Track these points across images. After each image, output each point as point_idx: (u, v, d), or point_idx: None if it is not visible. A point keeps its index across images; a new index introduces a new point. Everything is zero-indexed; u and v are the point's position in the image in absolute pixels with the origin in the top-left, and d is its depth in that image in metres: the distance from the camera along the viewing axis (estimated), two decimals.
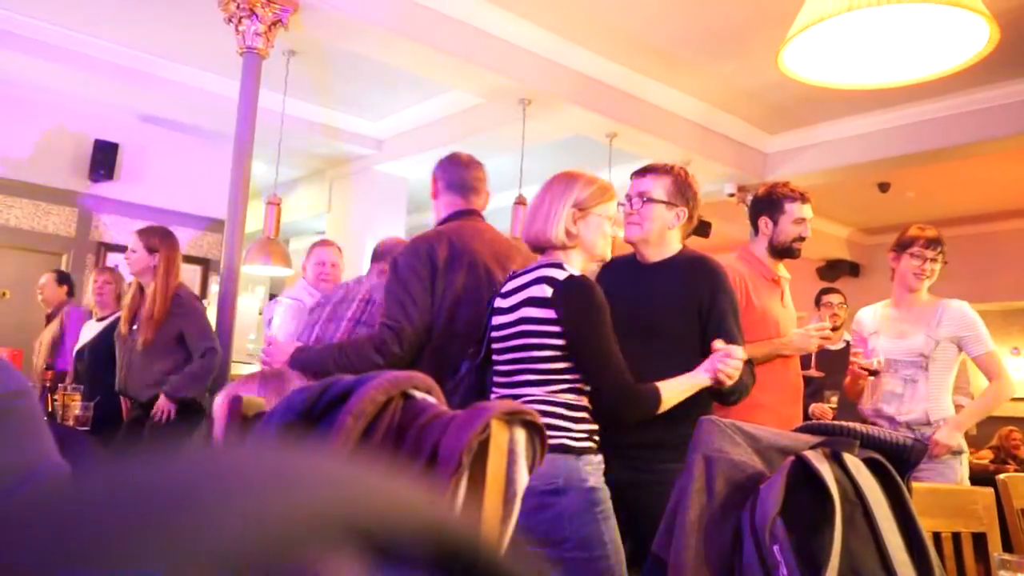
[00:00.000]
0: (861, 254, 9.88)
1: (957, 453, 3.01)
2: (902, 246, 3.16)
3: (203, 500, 0.18)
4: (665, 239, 2.30)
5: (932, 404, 3.02)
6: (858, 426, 1.45)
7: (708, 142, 6.66)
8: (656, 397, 1.89)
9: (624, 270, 2.35)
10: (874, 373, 3.00)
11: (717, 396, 2.12)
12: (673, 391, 1.93)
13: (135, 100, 6.45)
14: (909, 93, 5.42)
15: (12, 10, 5.32)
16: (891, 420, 3.06)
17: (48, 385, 3.58)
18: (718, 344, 2.00)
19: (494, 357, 2.02)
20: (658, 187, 2.29)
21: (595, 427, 1.91)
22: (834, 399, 3.41)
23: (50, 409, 3.49)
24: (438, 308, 2.40)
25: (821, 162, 6.94)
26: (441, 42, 4.99)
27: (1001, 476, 2.05)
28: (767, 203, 2.89)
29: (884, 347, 3.07)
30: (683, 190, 2.31)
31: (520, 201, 5.77)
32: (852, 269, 9.79)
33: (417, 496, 0.20)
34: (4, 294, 6.06)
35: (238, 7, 4.35)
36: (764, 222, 2.89)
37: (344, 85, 6.38)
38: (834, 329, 4.06)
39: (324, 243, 4.52)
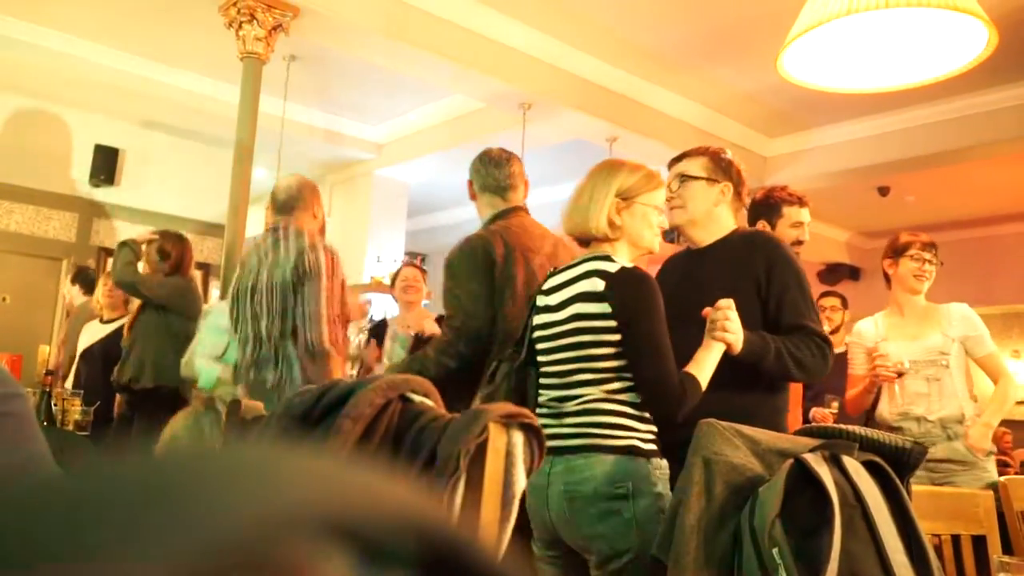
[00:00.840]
0: (861, 258, 9.88)
1: (991, 453, 3.00)
2: (898, 251, 3.16)
3: (183, 495, 0.18)
4: (713, 217, 2.18)
5: (962, 400, 2.99)
6: (858, 429, 1.45)
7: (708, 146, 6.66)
8: (695, 384, 1.78)
9: (678, 261, 2.28)
10: (900, 375, 2.99)
11: (765, 373, 1.96)
12: (701, 368, 1.80)
13: (136, 105, 6.47)
14: (908, 97, 5.43)
15: (14, 15, 5.34)
16: (921, 420, 3.01)
17: (48, 390, 3.58)
18: (707, 309, 1.88)
19: (541, 358, 1.92)
20: (694, 165, 2.18)
21: (655, 428, 1.82)
22: (835, 404, 3.39)
23: (50, 414, 3.49)
24: (498, 306, 2.40)
25: (821, 166, 6.95)
26: (441, 47, 5.00)
27: (1001, 479, 2.05)
28: (765, 207, 2.89)
29: (899, 351, 3.05)
30: (723, 166, 2.20)
31: None
32: (852, 273, 9.79)
33: (403, 494, 0.20)
34: (4, 299, 6.06)
35: (239, 12, 4.36)
36: (762, 226, 2.87)
37: (345, 90, 6.39)
38: (832, 332, 4.06)
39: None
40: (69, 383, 4.36)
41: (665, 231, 2.03)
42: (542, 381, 1.92)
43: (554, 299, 1.91)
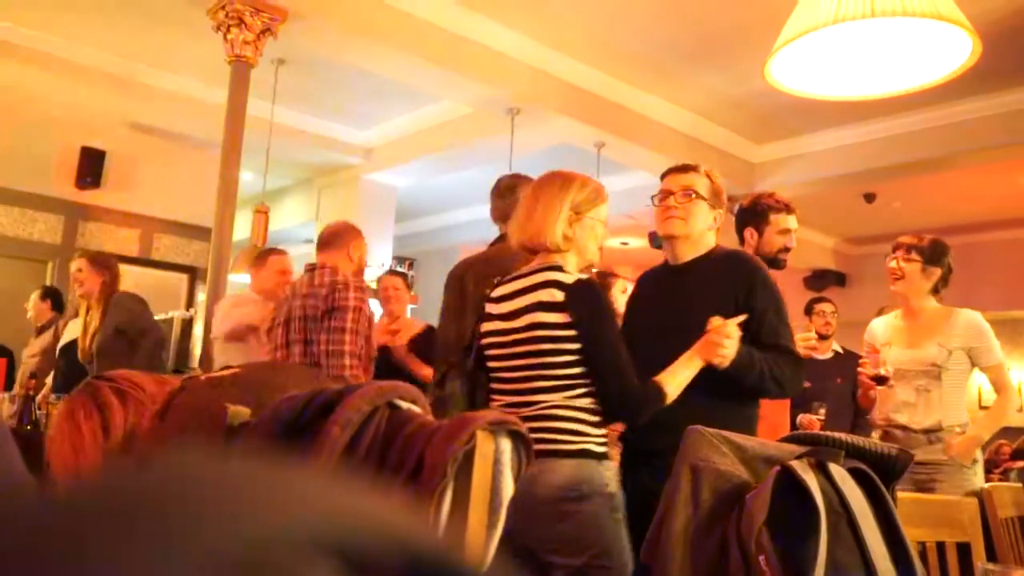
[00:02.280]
0: (847, 264, 9.94)
1: (975, 461, 2.99)
2: (891, 250, 3.16)
3: (175, 513, 0.18)
4: (703, 239, 2.24)
5: (946, 413, 3.00)
6: (843, 436, 1.45)
7: (696, 152, 6.68)
8: (659, 393, 1.84)
9: (656, 275, 2.32)
10: (881, 381, 2.98)
11: (745, 388, 2.02)
12: (674, 380, 1.87)
13: (122, 107, 6.43)
14: (895, 104, 5.47)
15: (0, 17, 5.31)
16: (904, 428, 3.03)
17: (32, 394, 3.55)
18: (713, 323, 1.93)
19: (492, 364, 1.97)
20: (701, 185, 2.21)
21: (605, 431, 1.88)
22: (822, 410, 3.40)
23: (33, 418, 3.46)
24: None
25: (808, 172, 6.99)
26: (430, 52, 5.00)
27: (985, 486, 2.07)
28: (752, 213, 2.90)
29: (896, 357, 3.06)
30: (718, 193, 2.27)
31: None
32: (838, 279, 9.85)
33: (394, 511, 0.20)
34: None
35: (227, 16, 4.35)
36: (749, 233, 2.89)
37: (333, 94, 6.38)
38: (824, 338, 4.07)
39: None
40: (49, 379, 4.35)
41: (651, 236, 2.07)
42: (494, 386, 1.97)
43: (505, 307, 1.95)
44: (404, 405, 0.81)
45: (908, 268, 3.08)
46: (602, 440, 1.85)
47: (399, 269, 7.09)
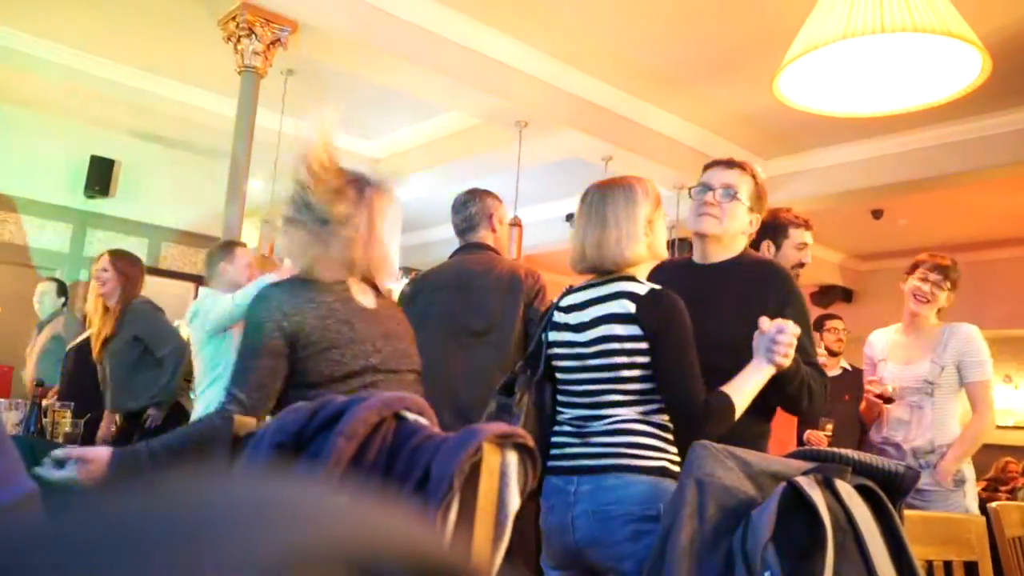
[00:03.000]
0: (854, 280, 9.92)
1: (961, 483, 2.98)
2: (910, 269, 3.14)
3: (194, 532, 0.18)
4: (736, 242, 2.16)
5: (938, 431, 2.99)
6: (851, 453, 1.45)
7: (703, 166, 6.69)
8: (730, 405, 1.77)
9: (682, 273, 2.18)
10: (888, 400, 2.98)
11: (781, 398, 1.97)
12: (742, 391, 1.79)
13: (133, 117, 6.47)
14: (903, 121, 5.47)
15: (11, 26, 5.35)
16: (898, 447, 3.04)
17: (38, 401, 3.55)
18: (764, 323, 1.85)
19: (561, 375, 1.91)
20: (744, 185, 2.14)
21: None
22: (829, 426, 3.39)
23: (39, 426, 3.46)
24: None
25: (815, 188, 6.98)
26: (439, 63, 5.02)
27: (993, 504, 2.05)
28: (771, 227, 2.87)
29: (891, 373, 3.06)
30: (761, 196, 2.19)
31: (515, 222, 5.78)
32: (845, 295, 9.82)
33: (408, 528, 0.20)
34: None
35: (237, 26, 4.38)
36: (767, 246, 2.86)
37: (341, 104, 6.40)
38: (834, 355, 4.06)
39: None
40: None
41: (669, 242, 2.02)
42: (562, 399, 1.90)
43: (575, 318, 1.88)
44: (411, 417, 0.80)
45: (940, 294, 3.07)
46: (678, 458, 1.77)
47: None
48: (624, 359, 1.78)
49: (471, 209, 2.97)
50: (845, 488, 1.32)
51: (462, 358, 2.73)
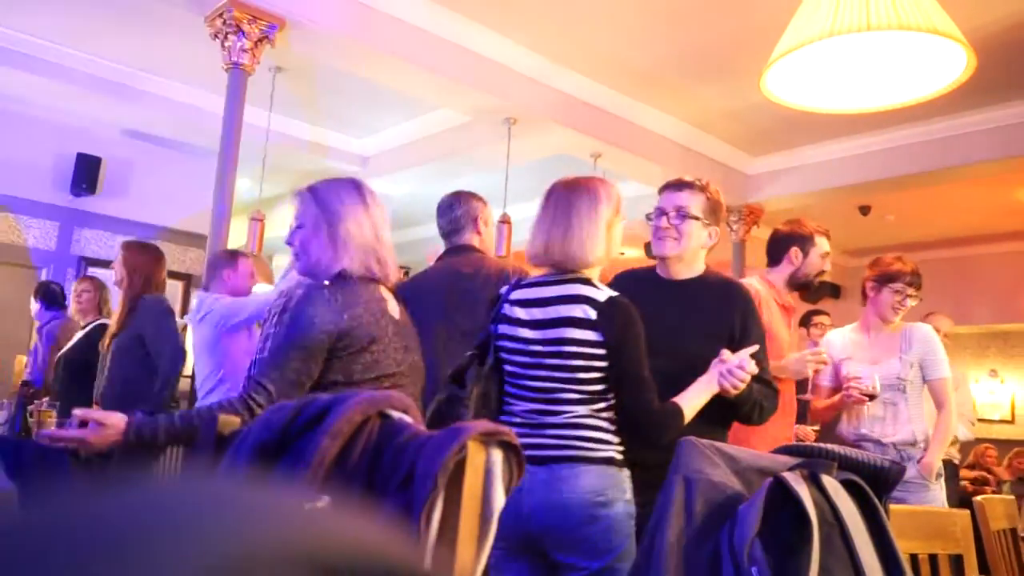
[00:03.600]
0: (842, 276, 9.96)
1: (939, 476, 3.08)
2: (886, 278, 3.18)
3: (158, 533, 0.18)
4: (696, 258, 2.26)
5: (916, 425, 3.09)
6: (836, 448, 1.45)
7: (691, 163, 6.71)
8: (680, 415, 1.89)
9: (647, 286, 2.27)
10: (872, 397, 3.04)
11: (735, 413, 2.11)
12: (691, 404, 1.92)
13: (119, 114, 6.43)
14: (889, 118, 5.50)
15: None
16: (877, 443, 3.10)
17: (24, 401, 3.52)
18: (726, 355, 1.97)
19: (511, 368, 1.96)
20: (695, 203, 2.23)
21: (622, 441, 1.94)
22: (816, 426, 3.43)
23: (25, 426, 3.44)
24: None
25: (803, 184, 7.01)
26: (427, 61, 5.01)
27: (978, 498, 2.06)
28: (798, 236, 3.00)
29: (858, 373, 3.10)
30: (716, 209, 2.28)
31: (505, 219, 5.78)
32: (833, 291, 9.86)
33: (370, 529, 0.20)
34: None
35: (224, 23, 4.35)
36: (795, 252, 2.98)
37: (330, 102, 6.39)
38: None
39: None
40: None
41: (647, 246, 2.07)
42: (512, 391, 1.96)
43: (529, 313, 1.93)
44: (395, 415, 0.80)
45: (911, 303, 3.19)
46: (622, 449, 1.89)
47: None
48: (581, 362, 1.86)
49: (456, 212, 3.01)
50: (831, 483, 1.33)
51: (454, 359, 2.76)
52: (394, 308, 1.88)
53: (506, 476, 0.80)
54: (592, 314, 1.85)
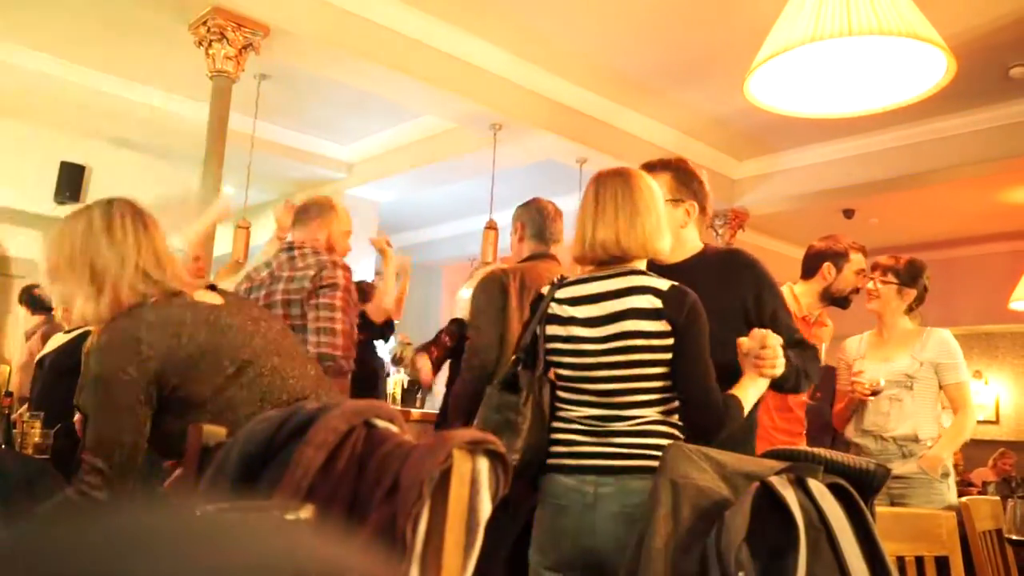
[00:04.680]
0: None
1: (945, 475, 3.08)
2: (861, 272, 3.27)
3: (159, 553, 0.18)
4: (681, 239, 2.12)
5: (919, 422, 3.11)
6: (822, 452, 1.46)
7: None
8: (741, 406, 1.77)
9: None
10: (876, 393, 3.09)
11: (783, 389, 2.02)
12: (747, 396, 1.80)
13: (103, 122, 6.39)
14: (872, 122, 5.54)
15: None
16: (878, 437, 3.14)
17: (7, 412, 3.49)
18: (743, 344, 1.86)
19: (566, 372, 1.83)
20: (661, 184, 2.08)
21: None
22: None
23: (9, 437, 3.41)
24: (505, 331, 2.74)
25: (787, 188, 7.05)
26: (412, 67, 5.01)
27: (963, 499, 2.08)
28: (833, 252, 3.10)
29: (870, 371, 3.16)
30: (686, 182, 2.17)
31: (491, 225, 5.78)
32: None
33: (359, 558, 0.20)
34: None
35: (209, 31, 4.34)
36: (828, 268, 3.07)
37: (315, 109, 6.38)
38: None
39: None
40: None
41: None
42: (568, 396, 1.84)
43: (583, 311, 1.81)
44: (381, 424, 0.80)
45: (884, 289, 3.23)
46: None
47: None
48: (648, 356, 1.74)
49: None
50: (817, 487, 1.34)
51: None
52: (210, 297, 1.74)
53: (492, 485, 0.80)
54: (657, 303, 1.73)
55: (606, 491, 1.71)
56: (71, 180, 6.54)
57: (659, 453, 1.68)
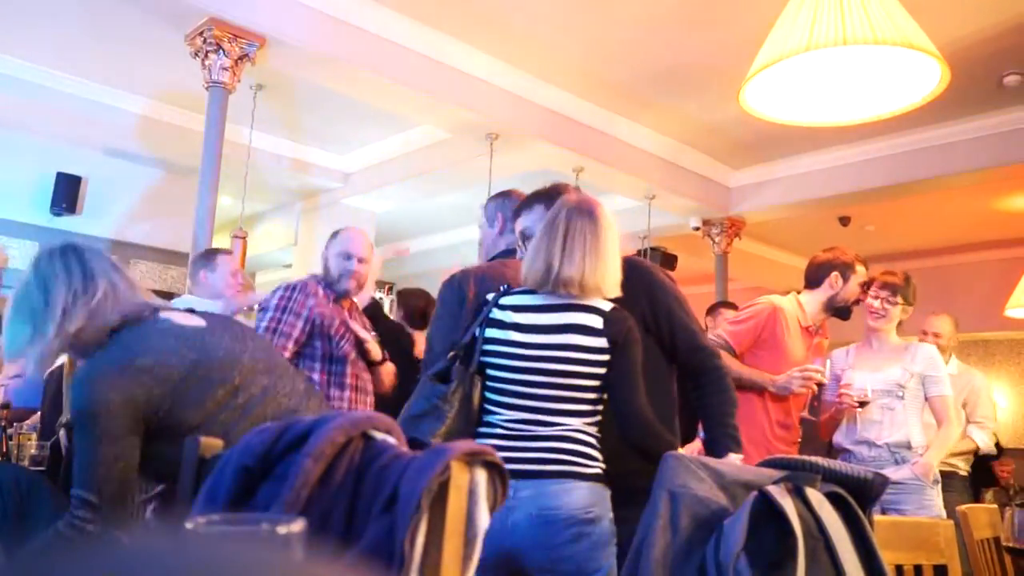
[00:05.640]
0: None
1: (936, 482, 3.18)
2: (864, 287, 3.31)
3: None
4: None
5: (911, 430, 3.19)
6: (820, 460, 1.46)
7: (673, 177, 6.75)
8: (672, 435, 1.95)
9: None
10: (864, 404, 3.13)
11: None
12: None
13: (99, 133, 6.39)
14: (867, 130, 5.56)
15: None
16: (872, 444, 3.20)
17: (3, 424, 3.48)
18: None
19: (496, 373, 1.89)
20: (531, 219, 2.17)
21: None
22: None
23: (4, 449, 3.39)
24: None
25: (783, 196, 7.07)
26: (408, 77, 5.02)
27: (962, 507, 2.08)
28: (841, 263, 3.16)
29: (862, 381, 3.20)
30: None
31: None
32: None
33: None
34: None
35: (205, 42, 4.35)
36: (835, 277, 3.14)
37: (311, 119, 6.38)
38: None
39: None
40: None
41: (642, 251, 2.07)
42: (496, 398, 1.89)
43: (525, 318, 1.89)
44: (379, 436, 0.80)
45: (892, 310, 3.28)
46: (605, 466, 1.87)
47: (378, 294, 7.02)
48: (583, 368, 1.83)
49: None
50: (815, 496, 1.33)
51: None
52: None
53: (490, 496, 0.80)
54: (599, 322, 1.85)
55: (525, 495, 1.78)
56: (67, 191, 6.54)
57: (578, 459, 1.81)
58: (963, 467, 4.17)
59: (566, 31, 4.97)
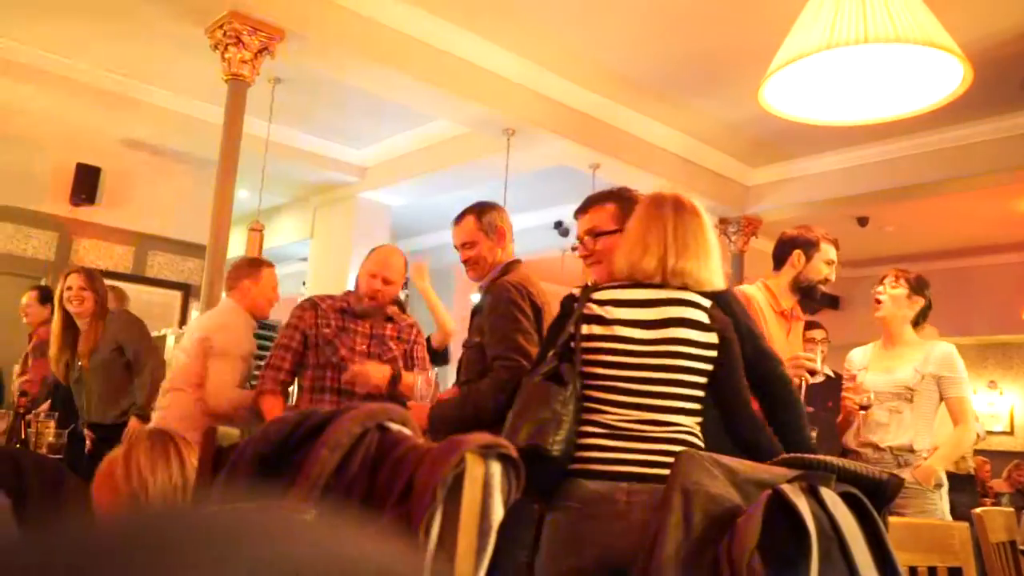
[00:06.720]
0: (841, 287, 9.96)
1: (939, 486, 3.10)
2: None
3: (184, 554, 0.18)
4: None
5: (917, 433, 3.13)
6: (835, 460, 1.45)
7: (691, 174, 6.72)
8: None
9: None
10: (865, 408, 3.08)
11: None
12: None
13: (119, 125, 6.44)
14: (886, 130, 5.51)
15: None
16: (875, 447, 3.16)
17: (22, 412, 3.52)
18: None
19: (605, 371, 1.80)
20: (603, 217, 2.14)
21: None
22: (813, 433, 3.44)
23: (23, 436, 3.43)
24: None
25: (801, 195, 7.03)
26: (426, 72, 5.03)
27: (977, 510, 2.06)
28: (804, 240, 2.98)
29: (872, 381, 3.18)
30: (631, 210, 2.11)
31: None
32: (832, 301, 9.87)
33: (373, 547, 0.20)
34: None
35: (225, 35, 4.37)
36: (797, 256, 2.96)
37: (329, 113, 6.41)
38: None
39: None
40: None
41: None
42: (605, 397, 1.80)
43: (629, 313, 1.82)
44: (394, 427, 0.80)
45: (894, 293, 3.23)
46: None
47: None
48: (693, 364, 1.79)
49: None
50: (830, 495, 1.33)
51: None
52: None
53: (505, 489, 0.80)
54: (705, 316, 1.82)
55: (640, 499, 1.68)
56: (87, 181, 6.60)
57: None
58: (971, 465, 4.16)
59: (585, 27, 4.96)
